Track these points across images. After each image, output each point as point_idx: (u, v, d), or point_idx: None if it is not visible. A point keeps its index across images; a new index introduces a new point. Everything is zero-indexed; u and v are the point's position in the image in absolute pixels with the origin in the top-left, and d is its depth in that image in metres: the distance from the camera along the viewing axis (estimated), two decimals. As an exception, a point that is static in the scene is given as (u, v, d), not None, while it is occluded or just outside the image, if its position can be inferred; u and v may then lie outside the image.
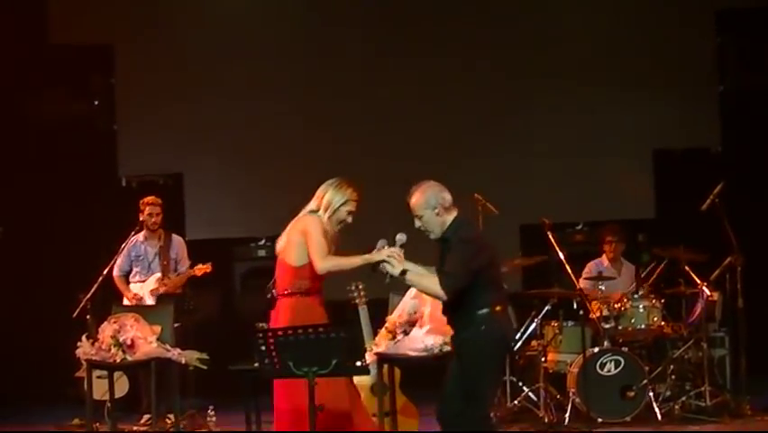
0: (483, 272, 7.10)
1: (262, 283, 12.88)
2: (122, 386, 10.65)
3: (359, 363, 7.27)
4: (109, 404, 9.92)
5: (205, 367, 9.16)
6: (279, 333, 6.96)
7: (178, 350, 9.14)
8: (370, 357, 8.34)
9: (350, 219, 7.67)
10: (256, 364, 7.82)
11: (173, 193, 12.91)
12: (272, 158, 13.11)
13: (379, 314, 8.84)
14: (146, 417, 10.46)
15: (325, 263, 7.49)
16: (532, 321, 10.70)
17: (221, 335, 11.96)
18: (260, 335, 7.01)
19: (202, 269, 10.92)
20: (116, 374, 9.99)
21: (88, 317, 10.11)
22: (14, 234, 12.21)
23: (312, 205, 7.73)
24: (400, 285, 7.90)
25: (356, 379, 8.92)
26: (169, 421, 10.16)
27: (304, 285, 7.61)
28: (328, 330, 6.91)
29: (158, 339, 9.16)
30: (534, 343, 10.73)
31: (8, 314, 12.26)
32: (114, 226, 11.26)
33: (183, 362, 9.12)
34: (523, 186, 12.94)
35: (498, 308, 7.10)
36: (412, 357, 8.34)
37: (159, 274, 10.93)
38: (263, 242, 12.95)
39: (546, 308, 10.61)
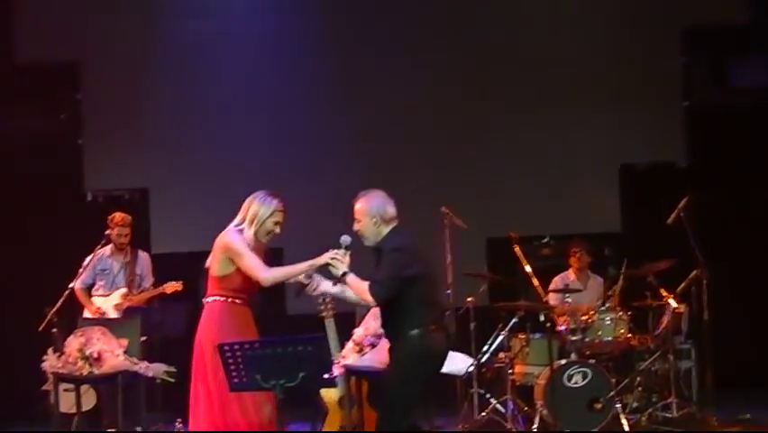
0: (415, 285, 7.27)
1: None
2: (89, 399, 10.60)
3: (326, 376, 7.28)
4: (76, 418, 9.89)
5: (172, 380, 9.13)
6: (247, 346, 6.95)
7: (146, 363, 9.10)
8: (337, 370, 8.34)
9: (278, 230, 7.70)
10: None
11: (139, 208, 12.88)
12: (238, 173, 13.06)
13: (346, 327, 8.84)
14: (110, 432, 10.42)
15: (269, 274, 7.53)
16: (499, 334, 10.70)
17: (188, 348, 11.89)
18: (228, 348, 7.00)
19: (173, 287, 10.89)
20: (83, 388, 9.96)
21: (54, 330, 10.04)
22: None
23: (237, 219, 7.75)
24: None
25: (323, 392, 8.96)
26: (137, 435, 10.14)
27: (230, 294, 7.62)
28: (296, 343, 6.92)
29: (125, 352, 9.13)
30: (501, 355, 10.74)
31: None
32: (80, 241, 11.21)
33: (150, 375, 9.09)
34: (490, 200, 12.96)
35: (432, 327, 7.26)
36: (379, 370, 8.34)
37: (124, 290, 10.92)
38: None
39: (513, 320, 10.59)
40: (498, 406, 10.46)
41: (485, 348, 10.73)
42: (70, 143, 13.34)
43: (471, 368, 10.32)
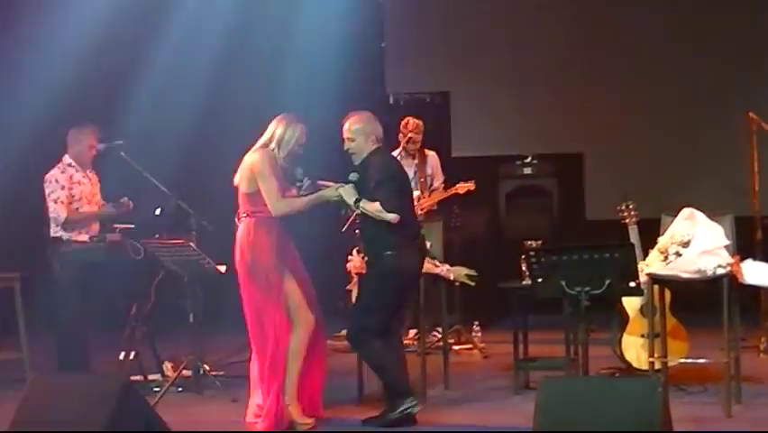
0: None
1: (527, 202, 12.93)
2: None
3: (631, 284, 7.22)
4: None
5: (472, 284, 9.19)
6: (552, 252, 6.95)
7: (447, 266, 9.18)
8: (642, 277, 8.22)
9: (301, 152, 8.00)
10: (525, 282, 7.85)
11: (439, 111, 13.00)
12: (537, 78, 13.04)
13: (650, 234, 8.69)
14: (413, 332, 10.62)
15: (279, 206, 7.82)
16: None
17: (485, 252, 12.01)
18: (533, 253, 7.01)
19: (465, 187, 10.90)
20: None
21: (357, 231, 10.24)
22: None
23: (264, 138, 7.97)
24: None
25: (626, 300, 8.88)
26: (435, 336, 10.29)
27: (259, 209, 7.84)
28: (602, 250, 6.87)
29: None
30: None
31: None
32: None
33: (451, 278, 9.16)
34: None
35: (406, 249, 7.93)
36: (684, 279, 8.20)
37: (417, 192, 11.02)
38: (529, 159, 12.93)
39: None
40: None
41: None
42: (373, 46, 13.51)
43: (777, 280, 10.01)
